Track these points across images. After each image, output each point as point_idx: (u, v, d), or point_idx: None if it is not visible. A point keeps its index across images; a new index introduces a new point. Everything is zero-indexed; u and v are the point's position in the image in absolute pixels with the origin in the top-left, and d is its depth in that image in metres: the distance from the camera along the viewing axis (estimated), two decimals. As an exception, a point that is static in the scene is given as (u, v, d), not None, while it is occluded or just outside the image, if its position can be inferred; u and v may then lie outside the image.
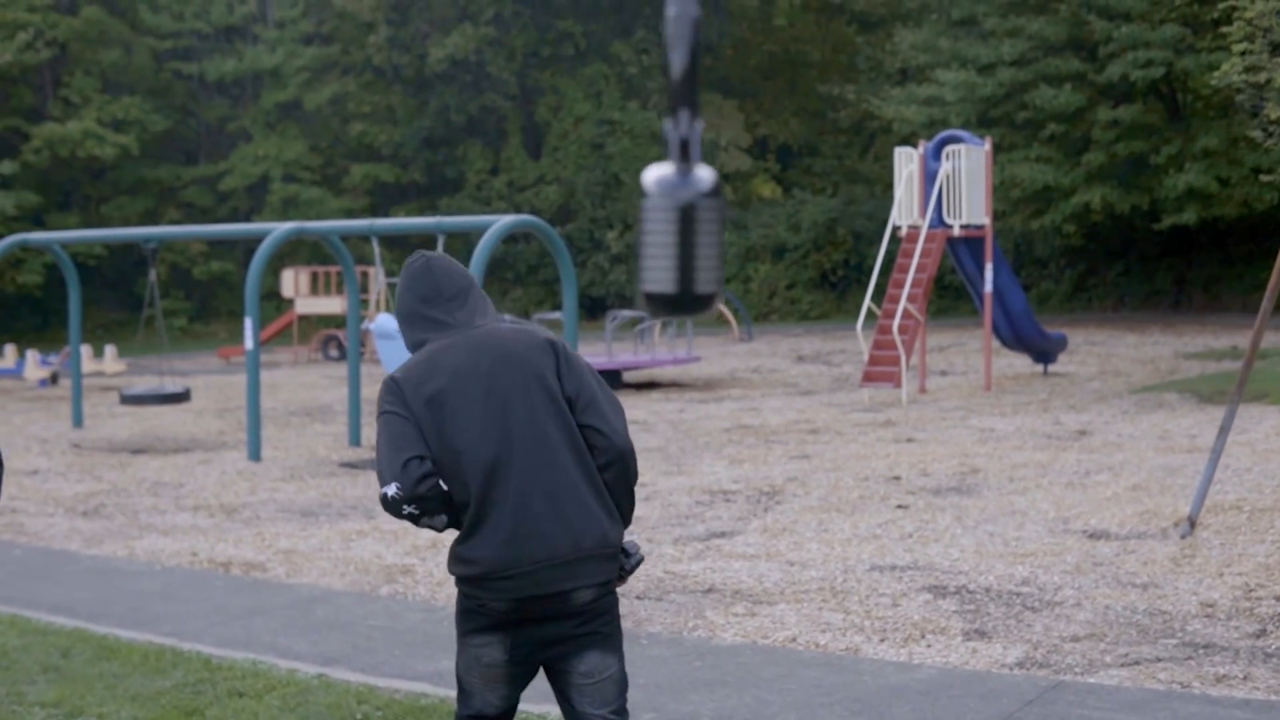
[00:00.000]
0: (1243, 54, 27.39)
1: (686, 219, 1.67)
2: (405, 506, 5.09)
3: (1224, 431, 12.57)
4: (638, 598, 10.11)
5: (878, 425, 20.21)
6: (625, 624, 9.26)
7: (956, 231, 25.05)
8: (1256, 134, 29.78)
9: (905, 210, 25.43)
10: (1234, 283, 46.94)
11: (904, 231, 25.33)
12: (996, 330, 26.01)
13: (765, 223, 49.83)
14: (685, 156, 1.67)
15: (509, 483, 5.14)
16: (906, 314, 23.72)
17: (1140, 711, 7.48)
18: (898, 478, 15.39)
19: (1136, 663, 8.38)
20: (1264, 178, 33.98)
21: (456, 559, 5.23)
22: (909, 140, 40.10)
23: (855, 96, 50.14)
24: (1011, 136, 41.81)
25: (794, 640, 8.93)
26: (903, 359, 23.41)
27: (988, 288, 25.33)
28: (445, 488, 5.18)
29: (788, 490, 14.65)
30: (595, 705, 5.32)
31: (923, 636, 9.01)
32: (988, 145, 25.83)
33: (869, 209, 49.62)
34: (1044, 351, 27.52)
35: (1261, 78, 26.74)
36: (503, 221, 16.39)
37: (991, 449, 17.52)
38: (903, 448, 17.81)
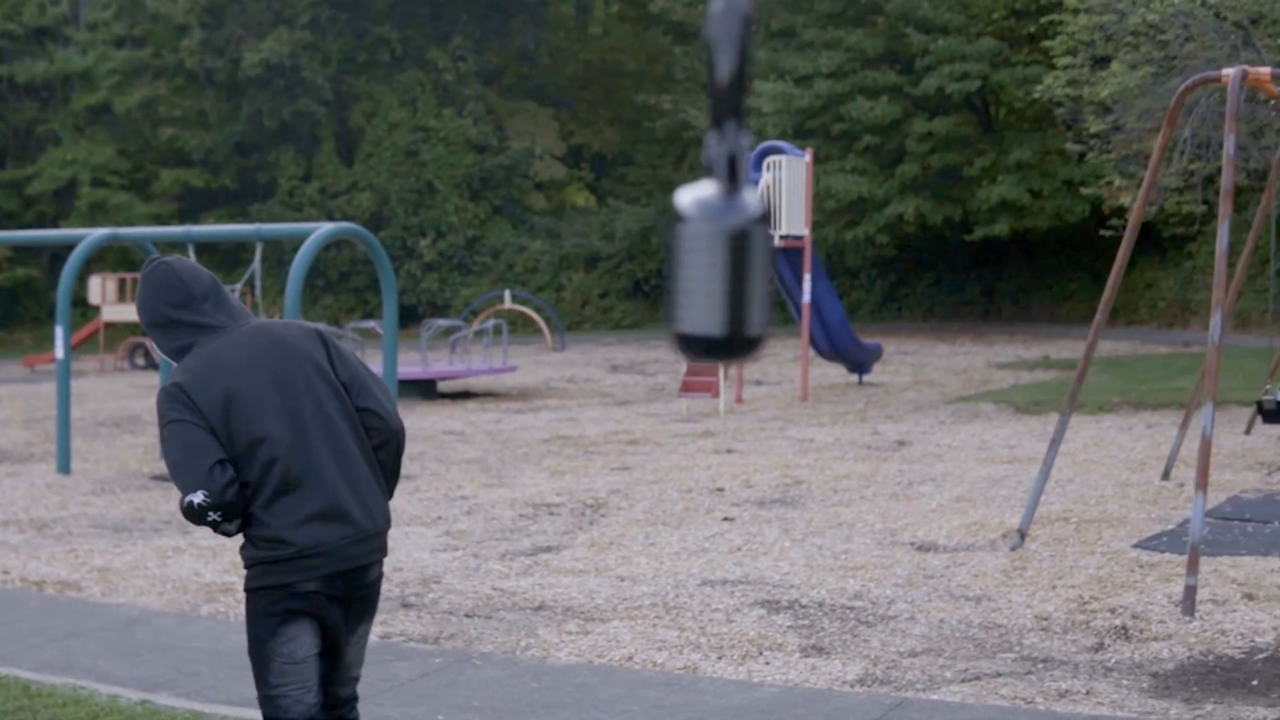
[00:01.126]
0: (1065, 68, 27.75)
1: (736, 249, 1.43)
2: (211, 513, 5.18)
3: (1055, 443, 12.60)
4: (467, 616, 9.84)
5: (697, 436, 20.10)
6: (454, 644, 9.05)
7: (776, 242, 25.04)
8: (1076, 147, 30.19)
9: (725, 220, 25.33)
10: (1043, 293, 47.68)
11: (723, 241, 25.23)
12: (814, 341, 26.06)
13: (579, 231, 49.72)
14: (733, 175, 1.43)
15: (310, 465, 5.34)
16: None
17: (986, 730, 7.38)
18: (721, 489, 15.26)
19: (977, 678, 8.29)
20: (1084, 190, 34.49)
21: (265, 542, 5.32)
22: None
23: (671, 106, 50.18)
24: (827, 148, 42.09)
25: (630, 659, 8.72)
26: (720, 369, 23.33)
27: (806, 298, 25.36)
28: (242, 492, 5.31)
29: (611, 503, 14.45)
30: (354, 667, 5.70)
31: (760, 653, 8.85)
32: (808, 156, 25.90)
33: (682, 219, 49.65)
34: (860, 362, 27.64)
35: (1083, 91, 27.09)
36: (324, 229, 16.02)
37: (813, 460, 17.47)
38: (724, 459, 17.70)
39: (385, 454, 5.61)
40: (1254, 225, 16.48)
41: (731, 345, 1.40)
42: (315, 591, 5.35)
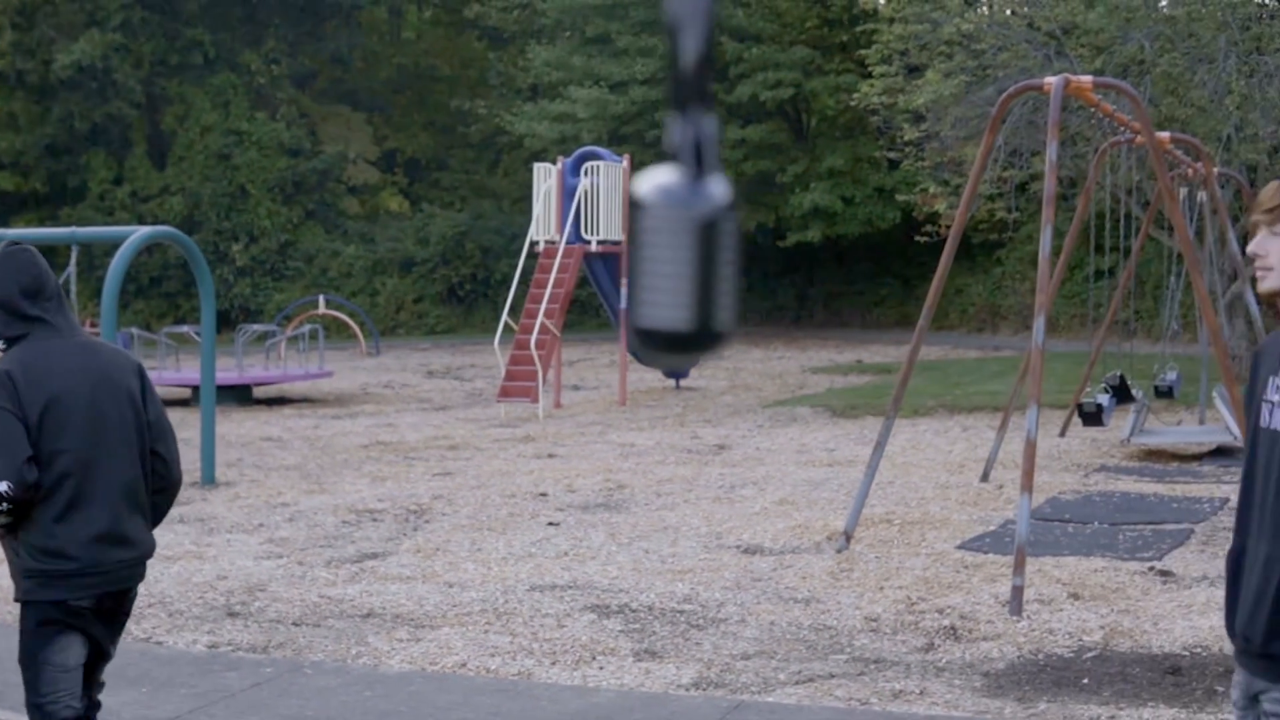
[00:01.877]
0: (881, 76, 28.05)
1: (705, 238, 1.35)
2: (4, 504, 5.24)
3: (879, 446, 12.70)
4: (295, 624, 9.66)
5: (517, 440, 20.00)
6: (283, 652, 8.87)
7: (594, 247, 25.03)
8: (892, 154, 30.54)
9: (543, 225, 25.31)
10: (854, 299, 48.20)
11: (541, 247, 25.20)
12: (629, 346, 26.06)
13: (393, 236, 49.31)
14: (700, 161, 1.35)
15: (100, 487, 5.46)
16: (543, 329, 23.58)
17: (825, 732, 7.38)
18: (544, 494, 15.19)
19: (811, 679, 8.30)
20: (899, 197, 34.92)
21: (46, 555, 5.40)
22: (540, 156, 40.14)
23: (486, 111, 49.97)
24: (642, 154, 42.18)
25: (464, 666, 8.62)
26: (540, 374, 23.26)
27: (623, 304, 25.36)
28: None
29: (435, 508, 14.31)
30: (100, 674, 5.82)
31: (593, 658, 8.79)
32: (626, 162, 25.91)
33: (497, 224, 49.50)
34: (676, 367, 27.72)
35: (898, 99, 27.40)
36: (141, 232, 15.67)
37: (634, 464, 17.46)
38: (546, 463, 17.63)
39: (161, 499, 5.85)
40: (1070, 232, 16.76)
41: (698, 340, 1.33)
42: (87, 608, 5.51)
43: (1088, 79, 12.07)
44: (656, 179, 1.35)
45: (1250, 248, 3.95)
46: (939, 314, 44.89)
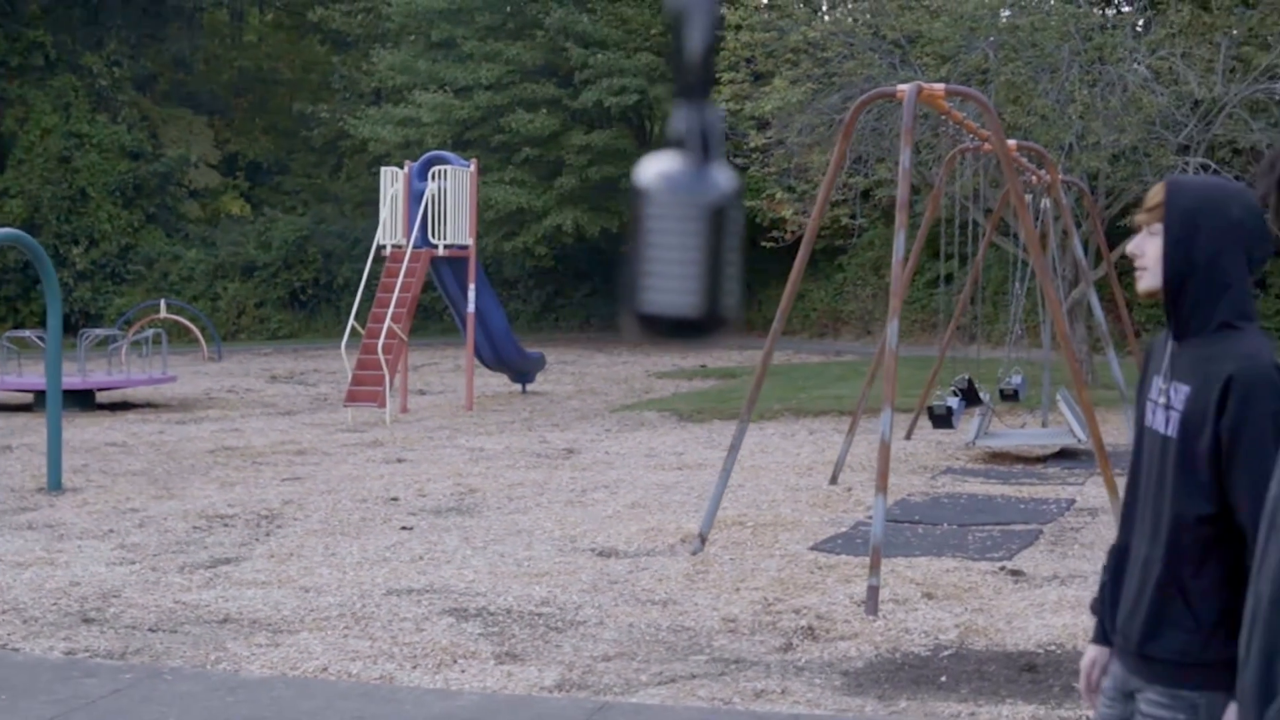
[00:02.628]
0: (729, 83, 28.23)
1: (715, 225, 1.37)
2: None
3: (734, 449, 12.78)
4: (150, 630, 9.54)
5: (365, 445, 19.90)
6: (141, 659, 8.76)
7: (441, 251, 24.95)
8: (739, 160, 30.74)
9: (390, 230, 25.18)
10: (697, 305, 48.40)
11: (388, 251, 25.09)
12: (478, 351, 26.03)
13: (234, 240, 48.81)
14: (706, 149, 1.37)
15: None
16: (390, 333, 23.47)
17: (690, 732, 7.43)
18: (396, 499, 15.12)
19: (673, 680, 8.34)
20: (747, 203, 35.13)
21: None
22: (384, 160, 39.96)
23: (329, 116, 49.67)
24: (487, 159, 42.17)
25: (325, 670, 8.56)
26: (387, 379, 23.15)
27: (470, 308, 25.32)
28: None
29: (286, 513, 14.19)
30: None
31: (454, 661, 8.77)
32: (473, 167, 25.88)
33: (339, 228, 49.24)
34: (523, 371, 27.73)
35: (744, 106, 27.58)
36: (-13, 233, 15.42)
37: (484, 468, 17.43)
38: (395, 468, 17.55)
39: None
40: (916, 238, 16.98)
41: (705, 326, 1.35)
42: None
43: (940, 87, 12.25)
44: (661, 166, 1.37)
45: (1129, 248, 4.04)
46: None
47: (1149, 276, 3.94)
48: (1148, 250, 3.94)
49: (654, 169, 1.37)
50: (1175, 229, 3.86)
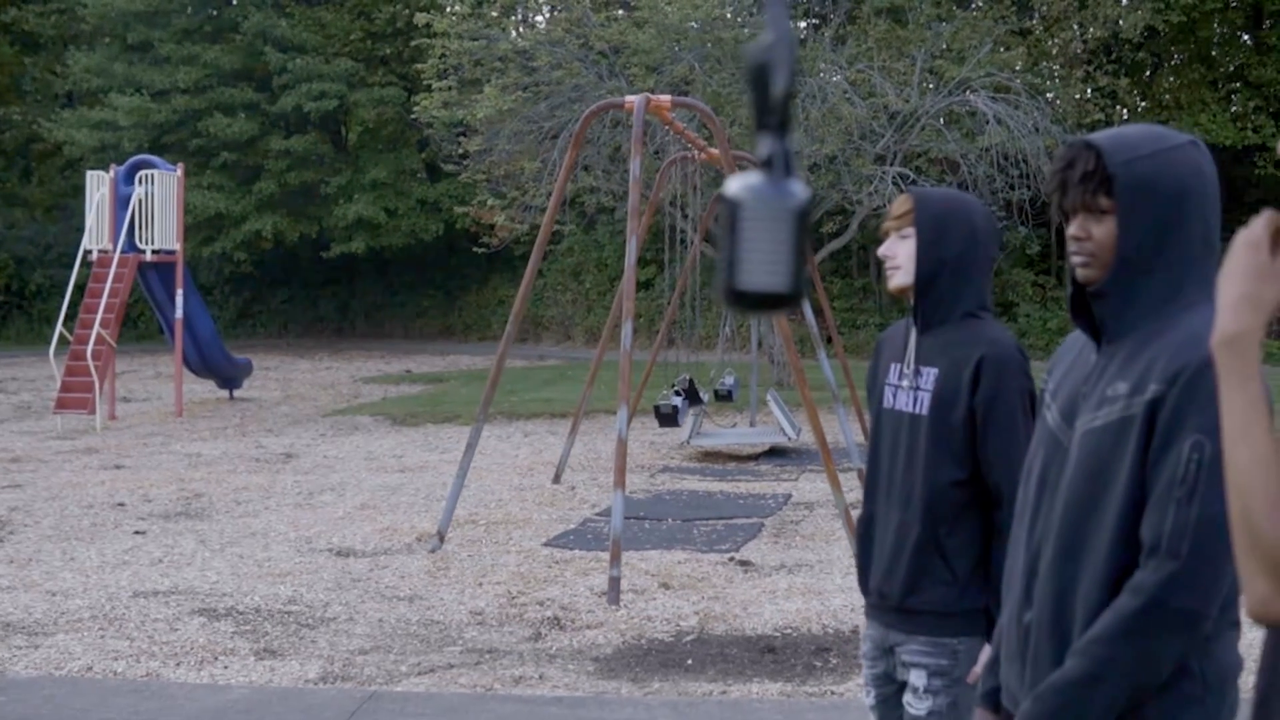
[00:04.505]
0: (440, 90, 28.48)
1: (799, 224, 1.77)
2: None
3: (470, 448, 13.09)
4: (-100, 634, 9.55)
5: (80, 453, 19.73)
6: (-101, 661, 8.77)
7: (149, 257, 24.78)
8: (449, 167, 31.00)
9: (96, 235, 24.92)
10: (397, 310, 48.57)
11: (95, 256, 24.82)
12: (185, 357, 25.88)
13: (-81, 245, 47.56)
14: (787, 167, 1.77)
15: None
16: (99, 339, 23.26)
17: (461, 713, 7.76)
18: (122, 504, 15.12)
19: (432, 670, 8.66)
20: (459, 209, 35.42)
21: None
22: (78, 164, 39.36)
23: (20, 118, 48.60)
24: (185, 163, 41.77)
25: (90, 669, 8.68)
26: (96, 385, 22.93)
27: (178, 314, 25.20)
28: None
29: (15, 520, 14.11)
30: None
31: (215, 658, 8.96)
32: (180, 171, 25.75)
33: (30, 233, 48.19)
34: (231, 377, 27.63)
35: (459, 114, 27.85)
36: None
37: (206, 473, 17.47)
38: (115, 474, 17.48)
39: None
40: (634, 245, 17.43)
41: (788, 298, 1.77)
42: None
43: (666, 98, 12.74)
44: (750, 181, 1.77)
45: (880, 251, 4.60)
46: (481, 325, 45.74)
47: (901, 274, 4.52)
48: (899, 252, 4.53)
49: (745, 183, 1.77)
50: (926, 232, 4.46)
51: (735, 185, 1.76)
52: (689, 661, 8.83)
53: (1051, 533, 3.21)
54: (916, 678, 4.43)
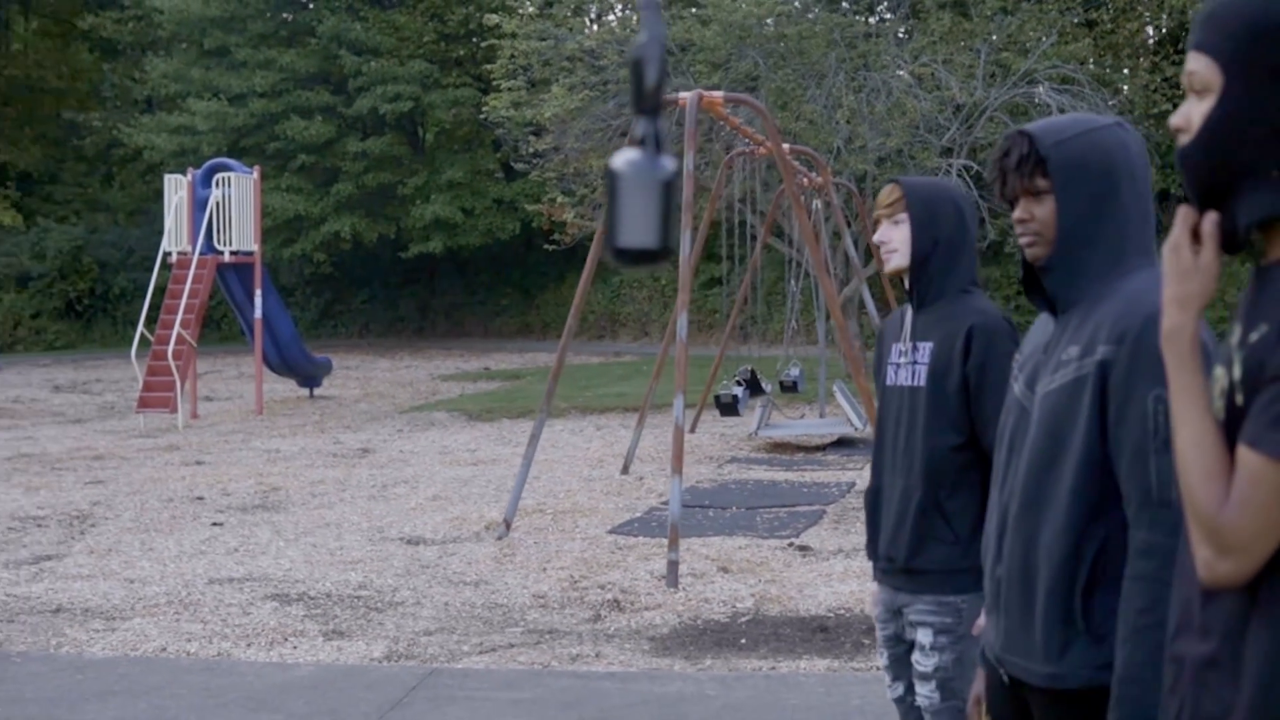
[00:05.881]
0: (509, 90, 28.81)
1: (666, 192, 2.09)
2: None
3: (534, 439, 13.40)
4: (-13, 620, 9.95)
5: (162, 450, 20.17)
6: (-16, 644, 9.15)
7: (227, 258, 25.23)
8: (520, 166, 31.35)
9: (175, 237, 25.38)
10: (476, 309, 48.92)
11: (175, 258, 25.29)
12: (265, 356, 26.32)
13: (7, 251, 48.13)
14: (658, 146, 2.10)
15: None
16: (180, 340, 23.72)
17: (517, 688, 8.07)
18: (201, 498, 15.51)
19: (493, 649, 8.97)
20: (529, 207, 35.72)
21: None
22: (159, 168, 39.93)
23: (100, 124, 49.34)
24: (263, 166, 42.34)
25: (164, 650, 9.04)
26: (178, 384, 23.40)
27: (257, 314, 25.63)
28: None
29: (97, 514, 14.53)
30: None
31: (285, 639, 9.30)
32: (256, 174, 26.16)
33: (113, 237, 48.88)
34: (310, 376, 28.04)
35: (523, 113, 28.18)
36: None
37: (284, 468, 17.86)
38: (195, 470, 17.89)
39: None
40: (696, 241, 17.71)
41: (659, 253, 2.08)
42: None
43: (718, 94, 13.00)
44: (628, 156, 2.08)
45: (876, 237, 4.95)
46: (559, 322, 46.04)
47: (897, 257, 4.90)
48: (894, 236, 4.90)
49: (624, 158, 2.09)
50: (919, 215, 4.85)
51: (616, 160, 2.09)
52: (742, 640, 9.10)
53: (1017, 490, 3.46)
54: (923, 635, 4.71)
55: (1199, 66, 2.52)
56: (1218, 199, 2.52)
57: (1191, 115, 2.54)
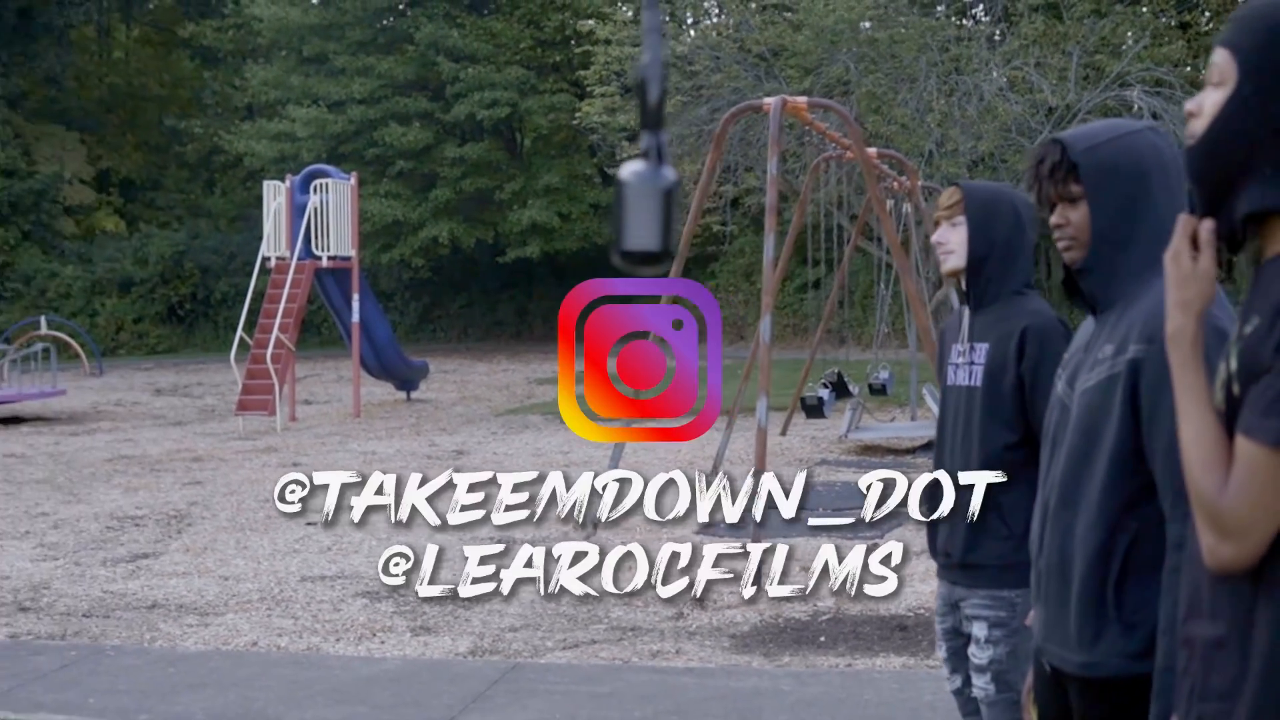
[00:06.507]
0: (601, 95, 29.03)
1: (667, 199, 2.26)
2: None
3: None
4: (85, 616, 10.21)
5: (260, 452, 20.49)
6: (81, 640, 9.42)
7: (325, 263, 25.55)
8: (612, 171, 31.57)
9: (274, 242, 25.73)
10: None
11: (273, 263, 25.63)
12: (363, 360, 26.63)
13: (111, 256, 48.82)
14: (660, 157, 2.28)
15: None
16: (278, 343, 24.05)
17: (596, 682, 8.24)
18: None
19: (576, 645, 9.15)
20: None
21: None
22: (259, 175, 40.42)
23: (202, 131, 50.00)
24: (362, 172, 42.75)
25: (255, 644, 9.29)
26: (276, 387, 23.73)
27: (355, 318, 25.94)
28: None
29: (194, 513, 14.83)
30: None
31: (374, 635, 9.52)
32: (354, 180, 26.48)
33: (214, 243, 49.46)
34: (407, 379, 28.34)
35: (616, 118, 28.39)
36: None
37: (379, 469, 18.05)
38: (292, 471, 18.13)
39: None
40: (785, 244, 17.83)
41: (661, 255, 2.25)
42: None
43: (803, 99, 13.11)
44: (634, 166, 2.25)
45: (934, 238, 5.07)
46: (658, 326, 46.07)
47: (954, 258, 5.01)
48: (951, 238, 5.01)
49: (630, 168, 2.25)
50: (976, 218, 4.95)
51: (624, 170, 2.25)
52: (821, 638, 9.22)
53: (1055, 485, 3.58)
54: (978, 629, 4.85)
55: (1220, 60, 2.65)
56: (1219, 199, 2.65)
57: (1204, 103, 2.67)
